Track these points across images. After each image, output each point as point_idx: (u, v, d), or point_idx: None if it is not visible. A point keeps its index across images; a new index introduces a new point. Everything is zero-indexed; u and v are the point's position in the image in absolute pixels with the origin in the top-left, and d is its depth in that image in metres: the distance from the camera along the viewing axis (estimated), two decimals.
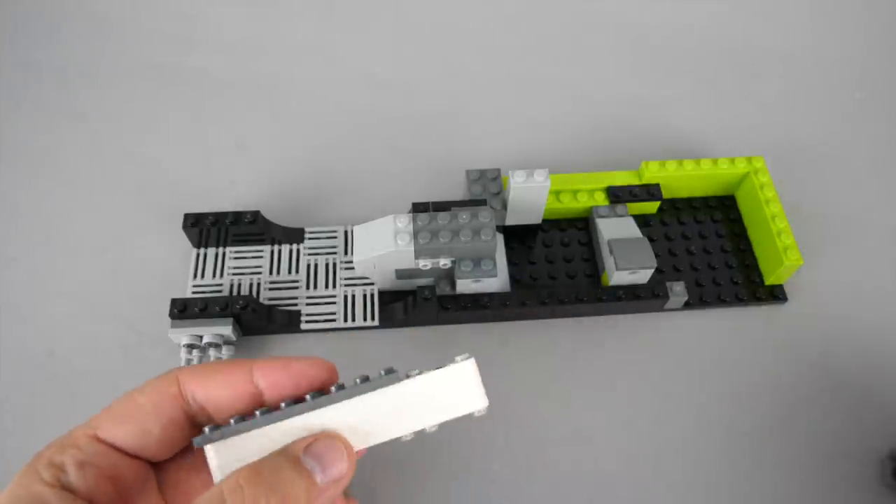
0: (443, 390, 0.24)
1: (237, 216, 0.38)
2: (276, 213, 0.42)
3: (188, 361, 0.35)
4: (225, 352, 0.36)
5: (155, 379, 0.25)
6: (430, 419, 0.23)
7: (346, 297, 0.38)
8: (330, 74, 0.50)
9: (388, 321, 0.37)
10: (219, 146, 0.45)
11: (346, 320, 0.37)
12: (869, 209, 0.44)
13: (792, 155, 0.46)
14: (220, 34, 0.51)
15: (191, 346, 0.35)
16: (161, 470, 0.25)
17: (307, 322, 0.37)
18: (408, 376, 0.23)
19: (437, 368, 0.24)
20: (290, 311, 0.37)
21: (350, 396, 0.23)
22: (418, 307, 0.36)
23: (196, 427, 0.24)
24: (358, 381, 0.23)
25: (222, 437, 0.22)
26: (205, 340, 0.35)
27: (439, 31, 0.53)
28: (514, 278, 0.40)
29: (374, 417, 0.23)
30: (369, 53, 0.51)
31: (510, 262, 0.40)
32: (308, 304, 0.38)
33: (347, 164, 0.45)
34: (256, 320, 0.36)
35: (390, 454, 0.35)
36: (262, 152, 0.45)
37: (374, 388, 0.23)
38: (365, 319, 0.37)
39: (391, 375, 0.23)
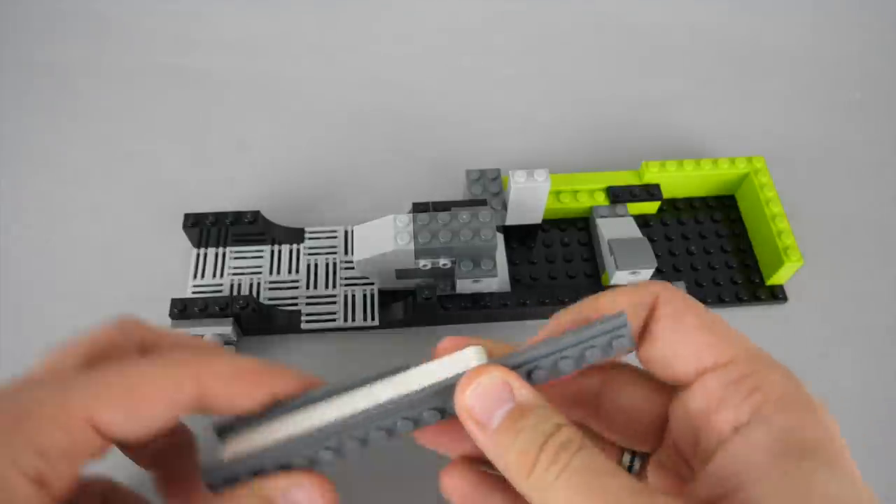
0: (446, 370, 0.22)
1: (237, 216, 0.38)
2: (276, 213, 0.42)
3: None
4: None
5: (170, 366, 0.21)
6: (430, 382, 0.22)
7: (346, 297, 0.38)
8: (330, 74, 0.50)
9: (388, 321, 0.37)
10: (219, 146, 0.45)
11: (346, 320, 0.37)
12: (869, 209, 0.44)
13: (792, 155, 0.46)
14: (220, 34, 0.51)
15: None
16: None
17: (307, 322, 0.37)
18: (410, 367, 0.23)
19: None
20: (290, 311, 0.37)
21: (356, 386, 0.22)
22: (418, 307, 0.36)
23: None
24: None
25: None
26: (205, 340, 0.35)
27: (439, 32, 0.53)
28: (514, 278, 0.40)
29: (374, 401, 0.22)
30: (370, 53, 0.51)
31: (510, 262, 0.40)
32: (308, 304, 0.38)
33: (347, 164, 0.45)
34: (256, 320, 0.36)
35: (389, 455, 0.35)
36: (262, 152, 0.45)
37: (379, 378, 0.22)
38: (365, 319, 0.37)
39: (397, 367, 0.23)
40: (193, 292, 0.38)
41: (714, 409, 0.19)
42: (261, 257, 0.39)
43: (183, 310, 0.35)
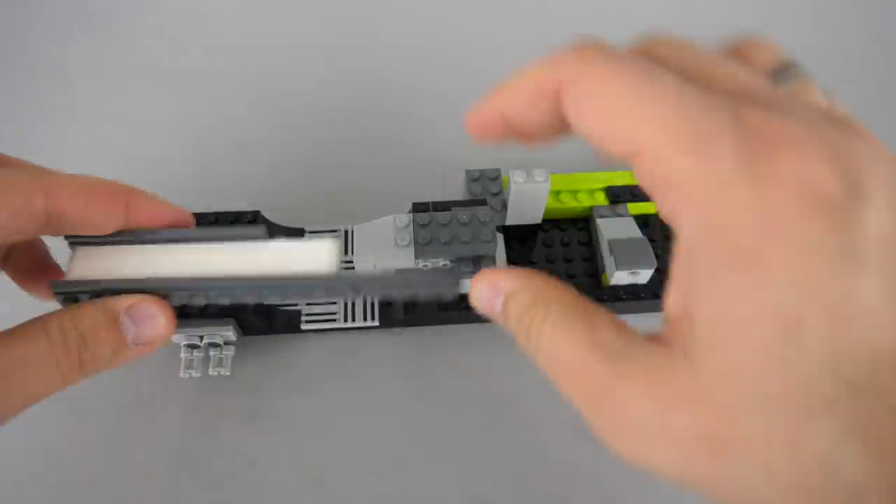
0: (299, 255, 0.26)
1: (237, 216, 0.38)
2: (276, 213, 0.42)
3: (189, 362, 0.35)
4: (225, 352, 0.36)
5: (18, 175, 0.22)
6: (276, 269, 0.25)
7: None
8: (330, 74, 0.50)
9: (388, 321, 0.38)
10: (219, 146, 0.45)
11: (346, 320, 0.37)
12: None
13: None
14: (220, 34, 0.51)
15: (191, 347, 0.35)
16: None
17: (307, 322, 0.37)
18: (269, 236, 0.26)
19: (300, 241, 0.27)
20: (290, 311, 0.37)
21: (208, 239, 0.26)
22: (418, 307, 0.36)
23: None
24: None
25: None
26: (205, 341, 0.35)
27: (440, 31, 0.53)
28: None
29: (225, 262, 0.26)
30: (370, 53, 0.51)
31: (510, 262, 0.40)
32: (308, 304, 0.38)
33: (348, 164, 0.45)
34: (256, 320, 0.36)
35: (390, 453, 0.35)
36: (262, 152, 0.45)
37: (234, 238, 0.26)
38: (365, 319, 0.37)
39: (255, 229, 0.26)
40: None
41: (655, 200, 0.18)
42: None
43: (183, 309, 0.35)
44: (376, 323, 0.37)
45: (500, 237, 0.40)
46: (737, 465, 0.15)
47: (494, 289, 0.22)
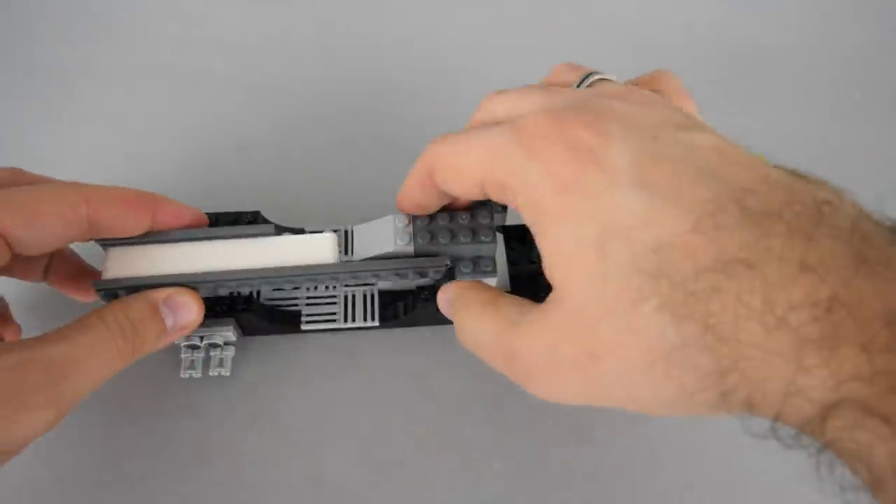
0: (304, 248, 0.31)
1: (237, 216, 0.38)
2: (276, 213, 0.42)
3: (190, 362, 0.35)
4: (225, 352, 0.36)
5: (66, 188, 0.25)
6: (285, 261, 0.30)
7: (346, 297, 0.38)
8: (330, 74, 0.50)
9: (388, 321, 0.38)
10: (219, 146, 0.46)
11: (346, 320, 0.37)
12: (869, 209, 0.44)
13: (792, 155, 0.46)
14: (220, 34, 0.51)
15: (191, 347, 0.35)
16: None
17: (307, 322, 0.37)
18: (276, 233, 0.31)
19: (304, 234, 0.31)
20: (290, 311, 0.37)
21: (223, 237, 0.30)
22: (418, 307, 0.36)
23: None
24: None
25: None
26: (205, 341, 0.35)
27: (440, 32, 0.53)
28: (513, 278, 0.40)
29: (240, 256, 0.30)
30: (370, 54, 0.51)
31: (510, 262, 0.40)
32: (308, 304, 0.38)
33: (347, 164, 0.45)
34: (256, 320, 0.36)
35: (390, 453, 0.35)
36: (262, 152, 0.45)
37: (245, 236, 0.30)
38: (365, 319, 0.37)
39: (264, 227, 0.31)
40: None
41: None
42: None
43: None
44: (376, 323, 0.37)
45: (500, 237, 0.40)
46: (612, 369, 0.20)
47: (446, 296, 0.29)
